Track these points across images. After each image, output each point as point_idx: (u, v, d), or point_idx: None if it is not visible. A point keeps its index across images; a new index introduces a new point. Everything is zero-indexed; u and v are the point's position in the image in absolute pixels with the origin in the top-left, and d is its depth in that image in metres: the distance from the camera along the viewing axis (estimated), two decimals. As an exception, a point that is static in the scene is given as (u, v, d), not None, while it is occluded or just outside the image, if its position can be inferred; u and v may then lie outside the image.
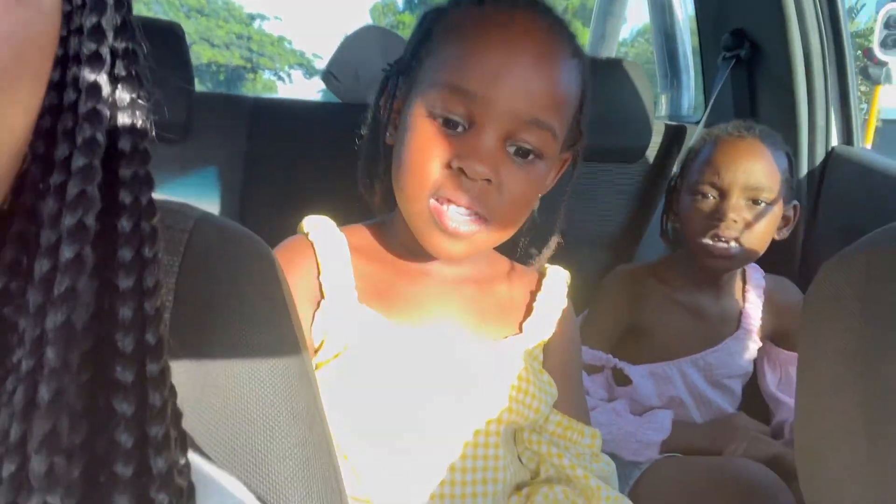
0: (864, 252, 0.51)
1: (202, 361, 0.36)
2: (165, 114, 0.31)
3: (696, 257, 1.08)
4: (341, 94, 1.39)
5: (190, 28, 21.50)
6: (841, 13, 1.30)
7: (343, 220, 0.77)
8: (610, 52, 1.93)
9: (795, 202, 1.12)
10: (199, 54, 21.76)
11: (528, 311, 0.74)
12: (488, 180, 0.60)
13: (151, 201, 0.29)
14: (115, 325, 0.26)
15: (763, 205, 1.03)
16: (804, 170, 1.39)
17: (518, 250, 0.78)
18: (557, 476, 0.72)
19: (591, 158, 1.40)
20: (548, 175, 0.67)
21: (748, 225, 1.03)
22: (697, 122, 1.53)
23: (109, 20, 0.27)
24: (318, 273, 0.66)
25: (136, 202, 0.28)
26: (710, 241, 1.04)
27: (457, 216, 0.61)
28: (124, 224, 0.27)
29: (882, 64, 3.27)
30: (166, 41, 1.12)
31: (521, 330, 0.73)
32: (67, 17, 0.26)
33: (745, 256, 1.06)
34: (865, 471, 0.48)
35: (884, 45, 3.18)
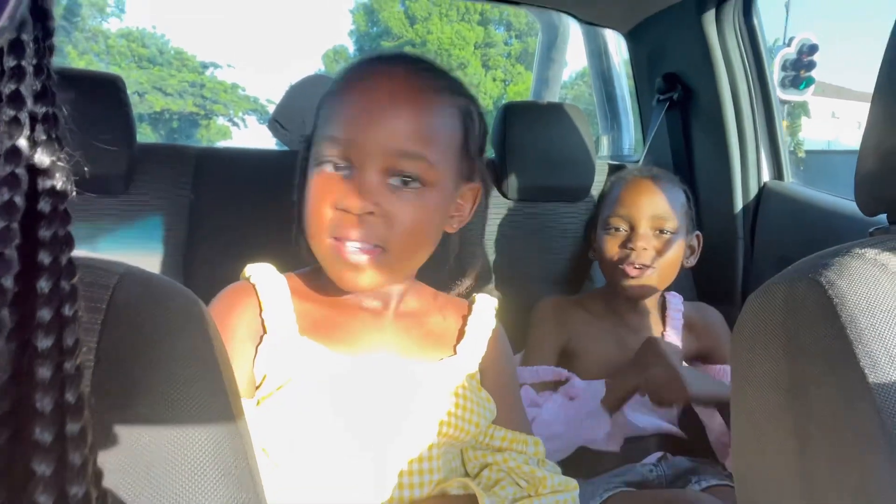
0: (784, 285, 0.53)
1: (126, 420, 0.35)
2: (107, 167, 0.31)
3: (615, 285, 1.19)
4: (288, 141, 1.38)
5: (143, 78, 21.33)
6: (764, 58, 1.37)
7: (290, 267, 0.79)
8: (553, 96, 1.98)
9: (697, 232, 1.25)
10: (153, 103, 21.55)
11: (461, 335, 0.79)
12: (371, 213, 0.66)
13: (71, 261, 0.29)
14: (33, 385, 0.26)
15: (668, 234, 1.17)
16: (739, 205, 1.44)
17: (449, 279, 0.84)
18: (506, 474, 0.76)
19: (537, 198, 1.45)
20: (444, 203, 0.72)
21: (657, 252, 1.16)
22: (637, 161, 1.57)
23: (28, 87, 0.27)
24: (261, 311, 0.71)
25: (55, 262, 0.28)
26: (626, 269, 1.16)
27: (353, 249, 0.67)
28: (43, 284, 0.27)
29: (784, 102, 3.48)
30: (108, 94, 1.11)
31: (455, 352, 0.78)
32: None
33: (658, 281, 1.18)
34: (800, 495, 0.48)
35: (782, 85, 3.38)
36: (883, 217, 0.59)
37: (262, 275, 0.74)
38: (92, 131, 0.30)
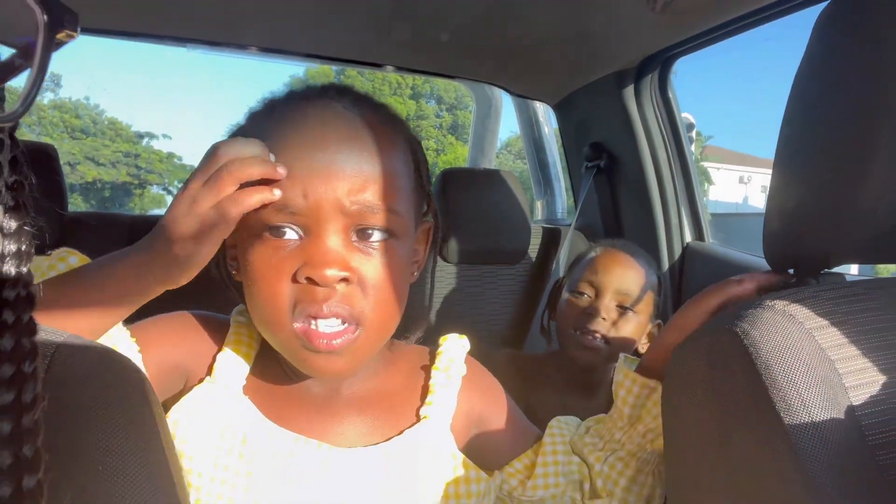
0: (706, 336, 0.55)
1: (66, 488, 0.34)
2: (37, 236, 0.31)
3: (567, 350, 1.14)
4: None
5: (75, 149, 20.72)
6: (680, 128, 1.45)
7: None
8: (489, 163, 2.03)
9: (659, 321, 1.19)
10: (84, 174, 20.90)
11: (425, 393, 0.66)
12: (345, 280, 0.53)
13: (32, 319, 0.29)
14: None
15: (630, 312, 1.11)
16: (665, 265, 1.49)
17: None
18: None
19: (476, 261, 1.46)
20: (410, 252, 0.61)
21: (615, 325, 1.10)
22: (570, 225, 1.62)
23: (5, 157, 0.28)
24: (218, 351, 0.62)
25: (17, 321, 0.28)
26: (581, 335, 1.10)
27: (326, 330, 0.53)
28: (6, 342, 0.27)
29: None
30: (39, 163, 1.08)
31: (418, 418, 0.65)
32: None
33: (609, 354, 1.11)
34: None
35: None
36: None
37: (244, 321, 0.64)
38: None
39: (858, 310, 0.53)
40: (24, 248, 0.29)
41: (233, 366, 0.62)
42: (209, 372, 0.61)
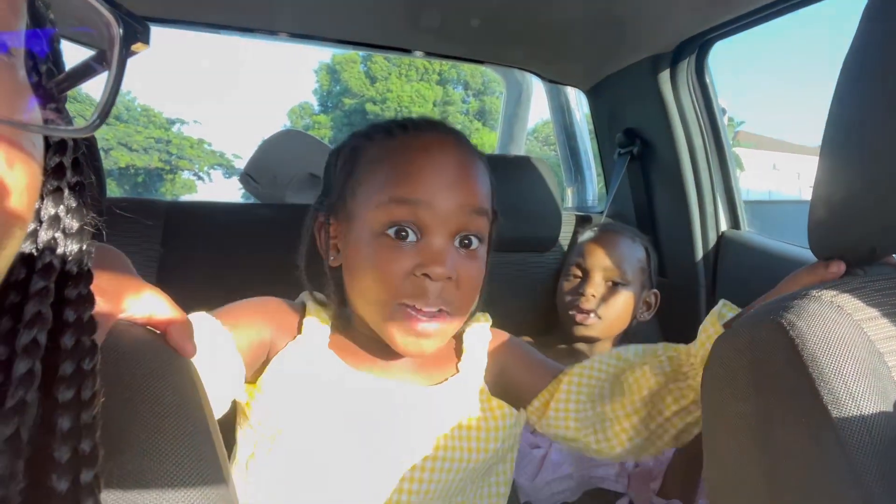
0: (748, 327, 0.54)
1: (114, 472, 0.34)
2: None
3: (567, 329, 1.27)
4: (259, 194, 1.37)
5: (108, 134, 21.11)
6: (717, 114, 1.42)
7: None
8: (519, 150, 2.01)
9: (655, 290, 1.33)
10: (118, 159, 21.30)
11: (460, 352, 0.81)
12: (449, 277, 0.68)
13: (92, 318, 0.30)
14: (53, 435, 0.27)
15: (619, 286, 1.24)
16: (700, 254, 1.46)
17: None
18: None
19: (507, 249, 1.45)
20: (486, 254, 0.75)
21: (605, 301, 1.24)
22: (602, 212, 1.59)
23: (69, 159, 0.29)
24: (302, 318, 0.75)
25: (78, 319, 0.29)
26: (574, 313, 1.24)
27: (425, 318, 0.68)
28: (67, 340, 0.28)
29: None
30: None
31: (458, 370, 0.79)
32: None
33: (603, 328, 1.25)
34: None
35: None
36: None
37: (318, 303, 0.78)
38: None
39: None
40: (84, 247, 0.30)
41: (317, 329, 0.75)
42: (298, 332, 0.74)
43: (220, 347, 0.66)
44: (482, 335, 0.83)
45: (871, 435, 0.45)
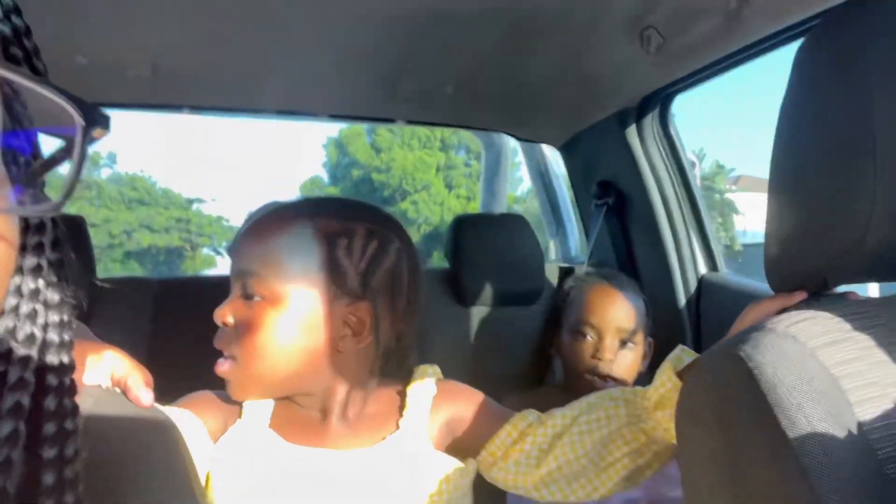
0: (711, 362, 0.55)
1: None
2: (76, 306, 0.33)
3: (577, 388, 1.16)
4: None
5: (131, 218, 21.49)
6: (683, 162, 1.42)
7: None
8: (500, 207, 2.01)
9: (650, 339, 1.26)
10: (140, 240, 21.59)
11: (403, 407, 0.78)
12: (226, 324, 0.72)
13: (73, 381, 0.32)
14: (38, 489, 0.28)
15: (631, 346, 1.18)
16: (682, 299, 1.43)
17: None
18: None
19: (493, 303, 1.43)
20: (287, 316, 0.71)
21: (617, 361, 1.17)
22: (583, 263, 1.58)
23: (48, 238, 0.31)
24: (241, 409, 0.76)
25: (60, 384, 0.30)
26: (591, 377, 1.15)
27: (217, 365, 0.73)
28: (49, 402, 0.30)
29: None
30: (69, 233, 1.09)
31: (398, 427, 0.76)
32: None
33: (622, 386, 1.14)
34: None
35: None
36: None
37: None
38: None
39: (862, 327, 0.52)
40: (65, 318, 0.31)
41: (258, 408, 0.76)
42: (239, 416, 0.75)
43: (198, 441, 0.70)
44: (427, 388, 0.80)
45: (829, 457, 0.45)
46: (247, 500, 0.70)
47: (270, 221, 0.74)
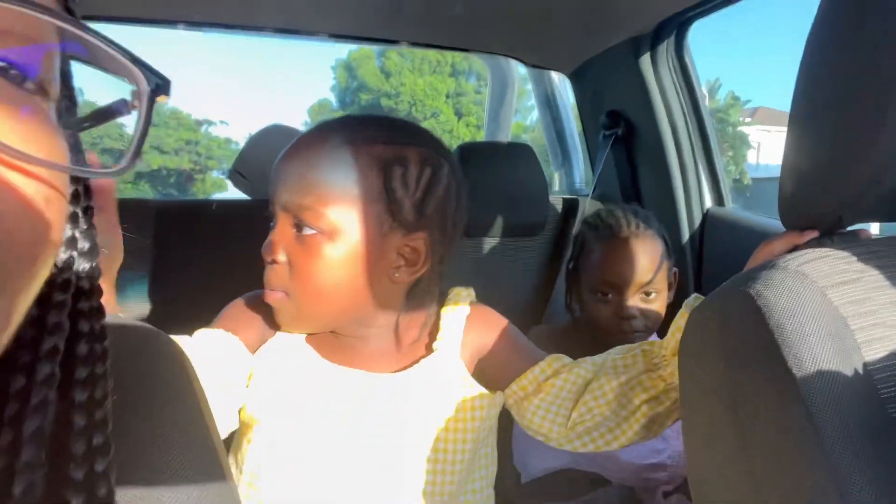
0: (719, 299, 0.55)
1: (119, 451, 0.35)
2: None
3: (610, 343, 1.06)
4: (249, 190, 1.33)
5: (140, 136, 21.26)
6: (697, 93, 1.36)
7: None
8: (505, 136, 1.95)
9: (675, 269, 1.16)
10: (150, 162, 21.46)
11: (436, 330, 0.76)
12: (277, 262, 0.68)
13: (103, 328, 0.32)
14: (70, 431, 0.29)
15: (655, 294, 1.09)
16: (686, 232, 1.41)
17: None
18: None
19: (496, 234, 1.41)
20: (344, 249, 0.67)
21: (647, 314, 1.09)
22: (588, 195, 1.54)
23: (82, 187, 0.31)
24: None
25: (91, 329, 0.31)
26: (622, 334, 1.07)
27: (266, 292, 0.69)
28: (81, 348, 0.30)
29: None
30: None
31: (433, 350, 0.75)
32: None
33: (651, 332, 1.11)
34: (748, 495, 0.49)
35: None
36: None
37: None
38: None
39: (872, 267, 0.51)
40: (95, 264, 0.32)
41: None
42: (279, 328, 0.74)
43: (236, 359, 0.70)
44: (461, 309, 0.78)
45: (833, 395, 0.45)
46: (280, 412, 0.70)
47: (319, 149, 0.67)
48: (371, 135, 0.68)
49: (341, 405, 0.70)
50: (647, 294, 1.08)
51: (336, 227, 0.66)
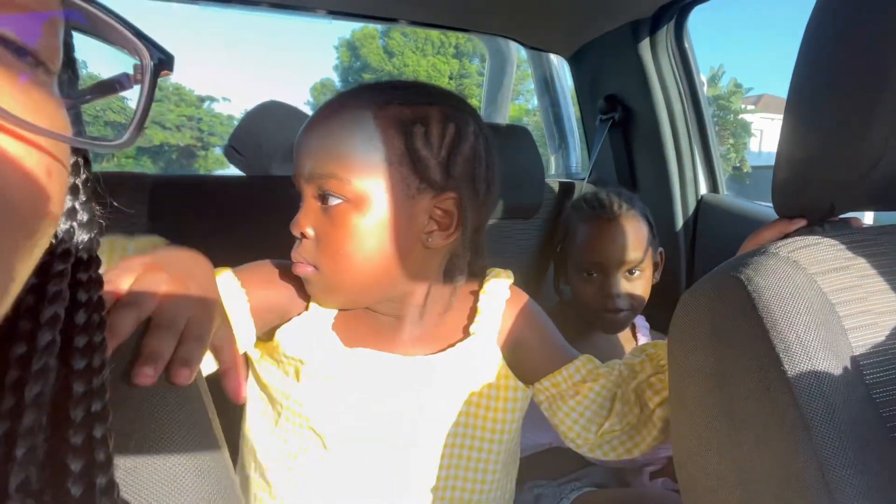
0: (710, 283, 0.55)
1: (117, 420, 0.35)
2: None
3: (595, 322, 1.12)
4: (244, 167, 1.32)
5: (142, 112, 21.08)
6: (696, 80, 1.34)
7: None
8: (502, 118, 1.93)
9: (661, 249, 1.16)
10: (152, 137, 21.33)
11: (474, 313, 0.74)
12: (306, 236, 0.65)
13: (101, 298, 0.32)
14: (69, 397, 0.30)
15: (638, 272, 1.09)
16: (680, 218, 1.40)
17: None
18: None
19: (492, 216, 1.40)
20: (372, 217, 0.63)
21: (631, 293, 1.09)
22: (584, 179, 1.53)
23: (80, 161, 0.31)
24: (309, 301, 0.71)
25: (89, 299, 0.31)
26: (606, 313, 1.09)
27: (296, 264, 0.66)
28: (80, 317, 0.31)
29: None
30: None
31: (469, 333, 0.72)
32: None
33: (636, 311, 1.11)
34: (733, 478, 0.50)
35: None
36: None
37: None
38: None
39: (862, 255, 0.52)
40: (93, 235, 0.32)
41: (322, 311, 0.71)
42: (306, 308, 0.70)
43: (236, 311, 0.66)
44: (500, 293, 0.74)
45: (819, 380, 0.46)
46: (320, 397, 0.68)
47: (338, 116, 0.64)
48: (389, 97, 0.65)
49: (378, 388, 0.68)
50: (631, 272, 1.09)
51: (362, 194, 0.62)
